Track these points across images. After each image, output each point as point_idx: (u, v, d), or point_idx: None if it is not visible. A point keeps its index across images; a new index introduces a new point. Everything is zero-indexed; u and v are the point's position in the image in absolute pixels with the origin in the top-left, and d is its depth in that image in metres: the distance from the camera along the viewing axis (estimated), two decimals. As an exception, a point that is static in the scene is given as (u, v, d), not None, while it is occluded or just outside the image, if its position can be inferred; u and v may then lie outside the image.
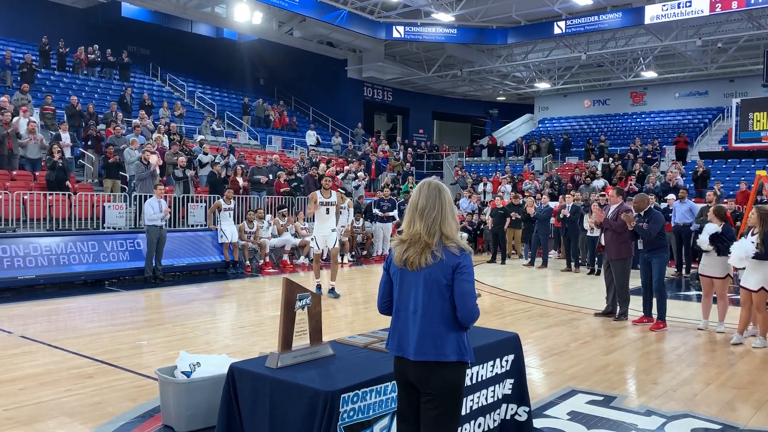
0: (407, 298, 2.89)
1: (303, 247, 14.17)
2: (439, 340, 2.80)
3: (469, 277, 2.82)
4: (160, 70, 25.15)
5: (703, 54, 25.00)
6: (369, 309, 9.38)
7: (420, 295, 2.83)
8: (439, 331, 2.80)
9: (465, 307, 2.80)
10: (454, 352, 2.80)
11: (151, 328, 7.72)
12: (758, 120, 14.34)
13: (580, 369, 6.07)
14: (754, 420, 4.76)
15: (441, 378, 2.81)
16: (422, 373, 2.82)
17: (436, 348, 2.79)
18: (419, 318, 2.83)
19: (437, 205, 2.86)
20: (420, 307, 2.83)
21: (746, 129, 14.58)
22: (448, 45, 26.05)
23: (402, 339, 2.89)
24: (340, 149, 24.69)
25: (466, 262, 2.83)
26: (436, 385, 2.81)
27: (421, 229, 2.84)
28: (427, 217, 2.84)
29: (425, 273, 2.82)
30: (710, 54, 24.90)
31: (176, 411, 4.28)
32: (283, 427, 3.24)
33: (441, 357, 2.79)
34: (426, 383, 2.83)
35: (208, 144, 17.55)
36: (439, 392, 2.82)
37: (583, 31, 23.09)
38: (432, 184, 2.95)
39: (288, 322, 3.52)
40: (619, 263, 8.42)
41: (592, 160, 22.96)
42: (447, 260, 2.81)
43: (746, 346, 7.09)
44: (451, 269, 2.80)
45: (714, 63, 25.44)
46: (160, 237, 11.44)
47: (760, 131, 14.35)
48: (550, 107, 32.88)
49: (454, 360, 2.80)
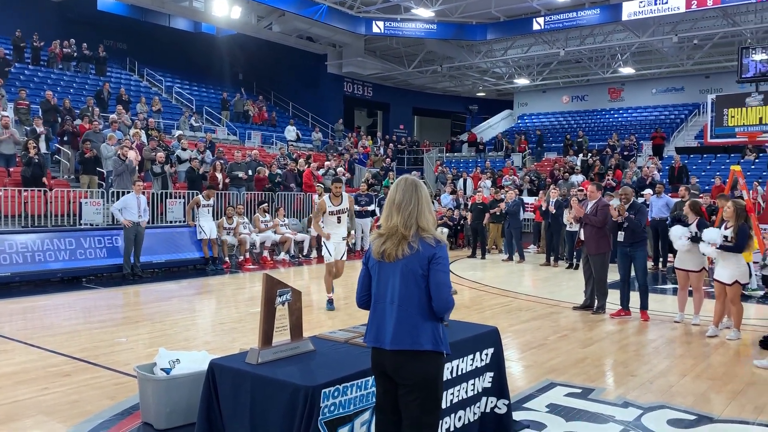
0: (384, 290, 2.95)
1: (283, 243, 14.12)
2: (414, 329, 2.85)
3: (444, 268, 2.89)
4: (137, 65, 24.86)
5: (679, 50, 25.31)
6: (350, 305, 9.38)
7: (397, 286, 2.90)
8: (415, 321, 2.86)
9: (440, 297, 2.86)
10: (429, 342, 2.85)
11: (129, 325, 7.65)
12: (732, 116, 14.56)
13: (559, 362, 6.13)
14: (728, 410, 4.85)
15: (417, 368, 2.85)
16: (398, 363, 2.87)
17: (412, 337, 2.85)
18: (396, 308, 2.89)
19: (413, 199, 2.94)
20: (396, 298, 2.89)
21: (721, 125, 14.80)
22: (428, 40, 26.08)
23: (379, 330, 2.94)
24: (320, 145, 24.61)
25: (441, 253, 2.90)
26: (413, 376, 2.85)
27: (398, 222, 2.92)
28: (404, 210, 2.92)
29: (402, 264, 2.89)
30: (686, 50, 25.22)
31: (156, 408, 4.26)
32: (264, 423, 3.23)
33: (416, 346, 2.84)
34: (402, 374, 2.87)
35: (187, 139, 17.39)
36: (416, 383, 2.86)
37: (562, 27, 23.26)
38: (408, 179, 3.04)
39: (268, 318, 3.52)
40: (598, 257, 8.52)
41: (571, 156, 23.15)
42: (423, 251, 2.87)
43: (721, 338, 7.22)
44: (427, 260, 2.87)
45: (690, 59, 25.78)
46: (137, 234, 11.32)
47: (734, 127, 14.58)
48: (529, 103, 33.08)
49: (429, 349, 2.85)
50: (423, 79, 31.51)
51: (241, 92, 26.20)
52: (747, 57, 14.81)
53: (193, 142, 18.23)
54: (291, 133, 23.81)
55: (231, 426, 3.40)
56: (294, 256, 14.30)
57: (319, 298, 9.96)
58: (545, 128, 30.16)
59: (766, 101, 14.17)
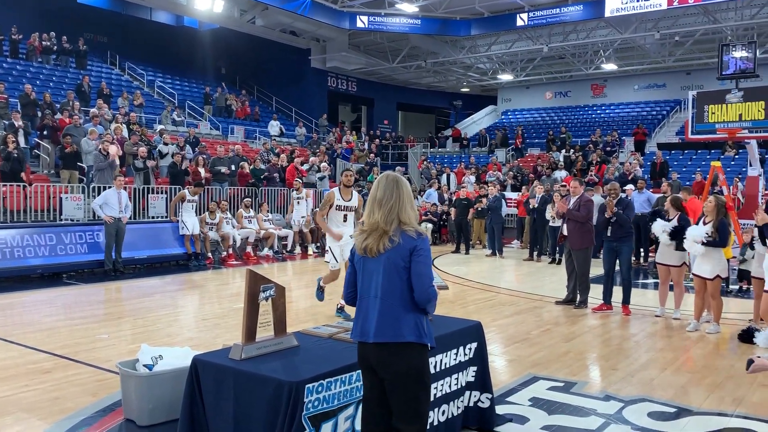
0: (369, 285, 2.97)
1: (267, 238, 14.07)
2: (396, 321, 2.88)
3: (425, 260, 2.92)
4: (118, 59, 24.58)
5: (661, 47, 25.53)
6: (334, 301, 9.37)
7: (380, 280, 2.92)
8: (398, 313, 2.89)
9: (421, 288, 2.88)
10: (411, 333, 2.88)
11: (111, 321, 7.58)
12: (713, 112, 14.65)
13: (542, 356, 6.18)
14: (707, 403, 4.92)
15: (401, 360, 2.88)
16: (382, 356, 2.89)
17: (394, 329, 2.87)
18: (379, 301, 2.91)
19: (394, 195, 2.97)
20: (380, 291, 2.92)
21: (702, 121, 14.89)
22: (412, 35, 26.07)
23: (364, 324, 2.96)
24: (304, 140, 24.52)
25: (422, 245, 2.93)
26: (396, 369, 2.88)
27: (379, 217, 2.95)
28: (385, 206, 2.96)
29: (384, 258, 2.91)
30: (668, 47, 25.44)
31: (138, 405, 4.23)
32: (247, 419, 3.22)
33: (399, 338, 2.86)
34: (386, 366, 2.90)
35: (169, 134, 17.24)
36: (400, 375, 2.88)
37: (545, 23, 23.36)
38: (390, 176, 3.07)
39: (252, 314, 3.50)
40: (581, 253, 8.59)
41: (554, 152, 23.29)
42: (404, 243, 2.91)
43: (701, 332, 7.31)
44: (409, 252, 2.90)
45: (671, 56, 26.00)
46: (118, 229, 11.22)
47: (714, 123, 14.67)
48: (512, 99, 33.19)
49: (411, 340, 2.87)
50: (407, 75, 31.49)
51: (222, 86, 26.00)
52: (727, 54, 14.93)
53: (176, 136, 18.08)
54: (274, 128, 23.70)
55: (214, 422, 3.39)
56: (277, 252, 14.25)
57: (306, 293, 9.94)
58: (528, 124, 30.31)
59: (745, 98, 14.30)
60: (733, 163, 19.76)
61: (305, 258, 14.28)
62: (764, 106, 14.10)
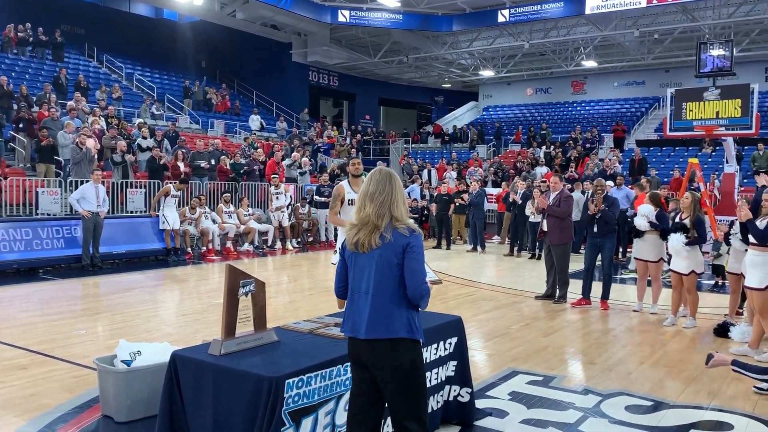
0: (360, 280, 2.96)
1: (247, 233, 13.99)
2: (389, 318, 2.87)
3: (418, 257, 2.91)
4: (96, 51, 24.23)
5: (640, 45, 25.77)
6: (314, 295, 9.37)
7: (372, 276, 2.91)
8: (390, 310, 2.88)
9: (414, 285, 2.88)
10: (403, 329, 2.88)
11: (89, 317, 7.49)
12: (691, 109, 14.86)
13: (521, 351, 6.22)
14: (683, 396, 4.99)
15: (392, 356, 2.87)
16: (374, 352, 2.89)
17: (386, 326, 2.87)
18: (371, 297, 2.90)
19: (386, 189, 2.95)
20: (371, 287, 2.91)
21: (680, 118, 15.09)
22: (393, 30, 26.03)
23: (355, 320, 2.95)
24: (284, 134, 24.40)
25: (415, 242, 2.92)
26: (388, 365, 2.88)
27: (370, 212, 2.93)
28: (377, 200, 2.93)
29: (377, 254, 2.90)
30: (647, 45, 25.69)
31: (116, 401, 4.19)
32: (227, 414, 3.21)
33: (391, 334, 2.86)
34: (378, 363, 2.89)
35: (148, 128, 17.05)
36: (392, 371, 2.88)
37: (526, 19, 23.46)
38: (383, 171, 3.05)
39: (231, 309, 3.48)
40: (561, 248, 8.66)
41: (534, 148, 23.43)
42: (397, 240, 2.89)
43: (678, 326, 7.41)
44: (402, 249, 2.89)
45: (651, 53, 26.26)
46: (96, 224, 11.09)
47: (692, 120, 14.88)
48: (494, 95, 33.32)
49: (403, 336, 2.87)
50: (389, 70, 31.46)
51: (201, 80, 25.76)
52: (705, 52, 15.13)
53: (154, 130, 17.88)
54: (255, 122, 23.54)
55: (193, 418, 3.36)
56: (258, 247, 14.18)
57: (287, 288, 9.91)
58: (509, 120, 30.46)
59: (722, 96, 14.51)
60: (710, 160, 20.03)
61: (285, 253, 14.24)
62: (740, 104, 14.33)
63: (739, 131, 14.92)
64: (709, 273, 10.62)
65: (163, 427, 3.42)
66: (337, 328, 3.92)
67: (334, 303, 8.19)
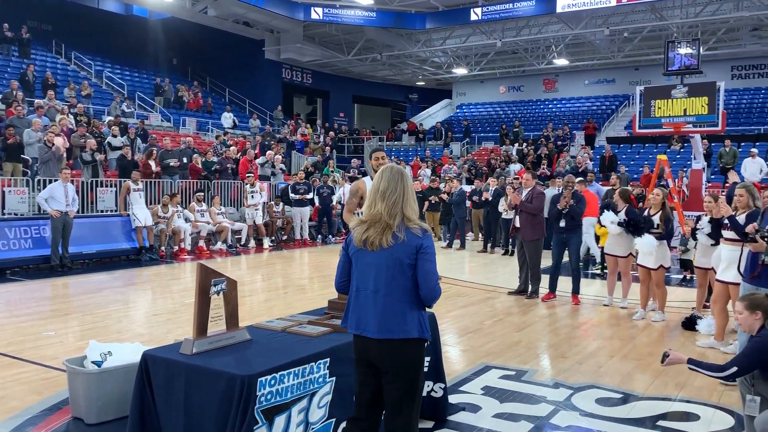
0: (367, 278, 2.96)
1: (220, 232, 13.88)
2: (402, 318, 2.90)
3: (431, 257, 2.94)
4: (64, 48, 23.76)
5: (610, 43, 26.13)
6: (289, 294, 9.34)
7: (383, 275, 2.91)
8: (403, 310, 2.91)
9: (428, 286, 2.92)
10: (415, 329, 2.92)
11: (58, 318, 7.38)
12: (659, 107, 15.11)
13: (494, 346, 6.29)
14: (651, 388, 5.09)
15: (404, 355, 2.92)
16: (385, 351, 2.92)
17: (400, 325, 2.90)
18: (382, 297, 2.91)
19: (399, 188, 2.96)
20: (383, 287, 2.92)
21: (649, 115, 15.34)
22: (367, 28, 26.01)
23: (361, 318, 2.97)
24: (258, 132, 24.23)
25: (428, 242, 2.95)
26: (400, 363, 2.92)
27: (382, 209, 2.94)
28: (388, 199, 2.94)
29: (388, 253, 2.91)
30: (617, 43, 26.06)
31: (86, 402, 4.14)
32: (199, 414, 3.19)
33: (405, 334, 2.90)
34: (389, 361, 2.93)
35: (119, 126, 16.78)
36: (402, 369, 2.93)
37: (499, 18, 23.63)
38: (395, 168, 3.05)
39: (203, 308, 3.46)
40: (533, 244, 8.76)
41: (507, 145, 23.63)
42: (410, 241, 2.91)
43: (647, 320, 7.55)
44: (415, 249, 2.91)
45: (621, 52, 26.64)
46: (65, 223, 10.90)
47: (661, 117, 15.14)
48: (467, 93, 33.50)
49: (416, 336, 2.92)
50: (363, 67, 31.44)
51: (172, 77, 25.44)
52: (673, 50, 15.39)
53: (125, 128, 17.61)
54: (227, 119, 23.35)
55: (165, 418, 3.34)
56: (231, 246, 14.08)
57: (262, 287, 9.86)
58: (483, 118, 30.65)
59: (690, 93, 14.79)
60: (679, 157, 20.41)
61: (260, 252, 14.16)
62: (707, 101, 14.62)
63: (706, 128, 15.23)
64: (678, 267, 10.84)
65: (135, 428, 3.39)
66: (311, 326, 3.93)
67: (309, 301, 8.19)
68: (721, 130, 15.31)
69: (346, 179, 18.97)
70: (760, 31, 24.33)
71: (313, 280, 10.80)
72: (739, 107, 24.79)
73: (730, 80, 25.20)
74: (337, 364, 3.53)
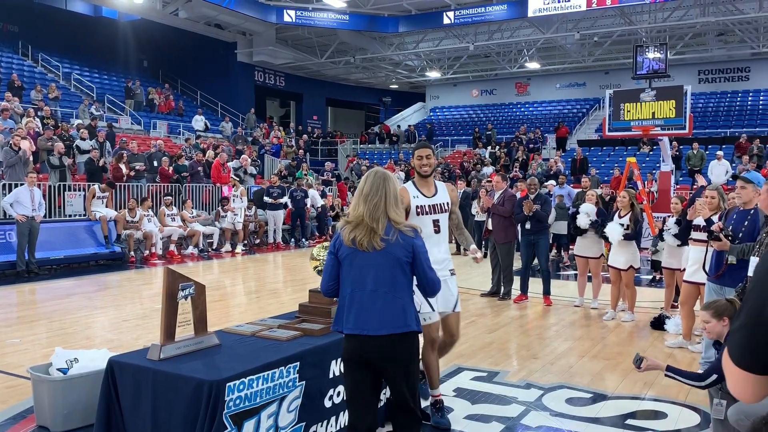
0: (364, 278, 3.01)
1: (192, 236, 13.73)
2: (403, 313, 3.02)
3: (427, 254, 3.10)
4: (31, 49, 23.33)
5: (581, 47, 26.49)
6: (261, 298, 9.27)
7: (384, 274, 3.01)
8: (402, 305, 3.03)
9: (430, 281, 3.09)
10: (414, 322, 3.07)
11: (24, 324, 7.22)
12: (628, 110, 15.35)
13: (467, 347, 6.30)
14: (621, 387, 5.15)
15: (404, 348, 3.04)
16: (386, 347, 2.99)
17: (402, 320, 3.01)
18: (382, 295, 3.00)
19: (381, 192, 3.06)
20: (382, 285, 3.00)
21: (618, 118, 15.57)
22: (340, 31, 25.98)
23: (359, 317, 3.00)
24: (230, 135, 24.05)
25: (421, 241, 3.10)
26: (400, 357, 3.03)
27: (364, 212, 3.03)
28: (370, 202, 3.04)
29: (386, 252, 3.00)
30: (587, 47, 26.43)
31: (52, 410, 4.05)
32: (167, 419, 3.14)
33: (406, 328, 3.02)
34: (390, 356, 3.01)
35: (87, 129, 16.52)
36: (403, 363, 3.05)
37: (471, 21, 23.79)
38: (379, 172, 3.16)
39: (170, 313, 3.41)
40: (505, 246, 8.83)
41: (480, 148, 23.79)
42: (406, 241, 3.03)
43: (617, 320, 7.64)
44: (411, 248, 3.04)
45: (591, 56, 27.02)
46: (31, 228, 10.68)
47: (630, 120, 15.38)
48: (440, 96, 33.66)
49: (414, 329, 3.07)
50: (336, 70, 31.40)
51: (143, 80, 25.11)
52: (641, 55, 15.65)
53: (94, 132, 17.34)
54: (199, 122, 23.12)
55: (132, 424, 3.28)
56: (203, 250, 13.94)
57: (234, 291, 9.76)
58: (456, 121, 30.82)
59: (658, 97, 15.05)
60: (648, 159, 20.74)
61: (234, 256, 14.03)
62: (675, 104, 14.88)
63: (674, 131, 15.50)
64: (648, 268, 11.00)
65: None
66: (281, 330, 3.90)
67: (281, 305, 8.13)
68: (688, 133, 15.60)
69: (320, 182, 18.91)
70: (725, 36, 24.87)
71: (286, 284, 10.73)
72: (705, 111, 25.31)
73: (697, 84, 25.72)
74: (307, 368, 3.50)
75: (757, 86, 25.67)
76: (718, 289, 4.96)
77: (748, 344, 1.33)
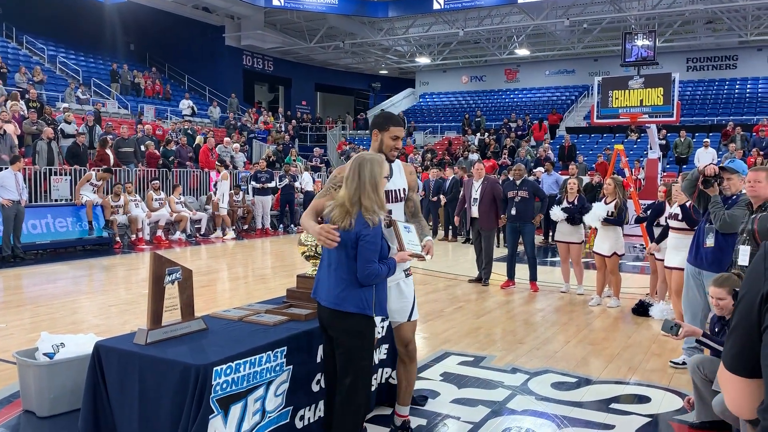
0: (330, 254, 3.27)
1: (179, 222, 13.67)
2: (342, 293, 3.19)
3: (368, 246, 3.15)
4: (15, 31, 22.96)
5: (570, 34, 26.46)
6: (249, 283, 9.27)
7: (334, 253, 3.23)
8: (345, 285, 3.19)
9: (362, 272, 3.15)
10: (353, 305, 3.17)
11: (9, 310, 7.18)
12: (617, 97, 15.40)
13: (454, 332, 6.35)
14: (605, 372, 5.22)
15: (345, 324, 3.21)
16: (331, 319, 3.25)
17: (339, 299, 3.19)
18: (333, 272, 3.24)
19: (356, 178, 3.17)
20: (334, 263, 3.24)
21: (606, 106, 15.63)
22: (329, 15, 25.79)
23: (318, 287, 3.34)
24: (218, 120, 23.88)
25: (367, 232, 3.15)
26: (341, 330, 3.23)
27: (344, 194, 3.21)
28: (350, 186, 3.19)
29: (344, 234, 3.15)
30: (577, 34, 26.40)
31: (38, 395, 4.05)
32: (154, 404, 3.15)
33: (342, 307, 3.19)
34: (332, 327, 3.27)
35: (72, 113, 16.36)
36: (342, 335, 3.22)
37: (461, 7, 23.70)
38: (358, 158, 3.27)
39: (157, 298, 3.41)
40: (491, 233, 8.89)
41: (469, 135, 23.78)
42: (357, 228, 3.14)
43: (603, 306, 7.72)
44: (356, 236, 3.14)
45: (580, 43, 27.01)
46: (17, 213, 10.59)
47: (618, 108, 15.44)
48: (430, 82, 33.54)
49: (351, 311, 3.17)
50: (325, 55, 31.19)
51: (129, 63, 24.82)
52: (630, 42, 15.69)
53: (80, 115, 17.19)
54: (186, 107, 22.92)
55: (119, 409, 3.29)
56: (190, 236, 13.89)
57: (222, 276, 9.75)
58: (445, 107, 30.76)
59: (646, 84, 15.10)
60: (636, 147, 20.84)
61: (221, 241, 14.00)
62: (663, 92, 14.95)
63: (662, 119, 15.59)
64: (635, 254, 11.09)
65: (87, 420, 3.33)
66: (268, 315, 3.91)
67: (269, 290, 8.14)
68: (676, 120, 15.69)
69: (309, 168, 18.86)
70: (714, 24, 24.93)
71: (274, 270, 10.73)
72: (693, 98, 25.42)
73: (685, 72, 25.80)
74: (295, 353, 3.52)
75: (745, 74, 25.79)
76: (696, 273, 5.01)
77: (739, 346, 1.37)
